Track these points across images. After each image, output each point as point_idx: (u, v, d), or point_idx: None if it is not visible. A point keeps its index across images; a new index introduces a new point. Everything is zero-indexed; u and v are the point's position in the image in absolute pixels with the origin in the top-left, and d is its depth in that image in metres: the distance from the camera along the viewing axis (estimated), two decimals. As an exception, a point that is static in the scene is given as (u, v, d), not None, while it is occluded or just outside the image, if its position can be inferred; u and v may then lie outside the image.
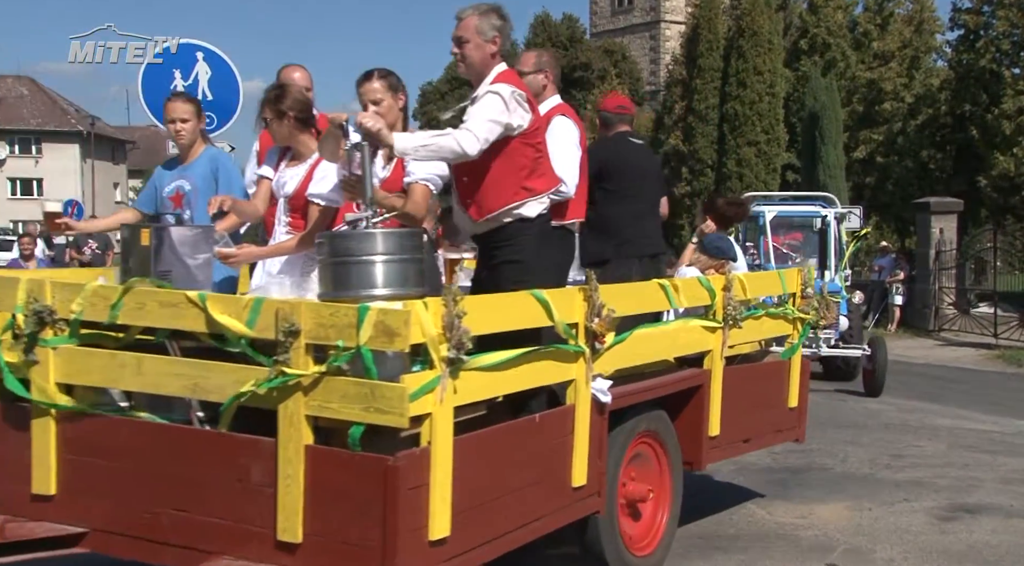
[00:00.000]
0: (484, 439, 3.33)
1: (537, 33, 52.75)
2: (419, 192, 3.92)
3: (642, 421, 4.37)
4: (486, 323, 3.26)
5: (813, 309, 5.45)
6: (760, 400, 5.26)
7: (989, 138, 23.20)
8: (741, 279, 4.89)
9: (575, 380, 3.73)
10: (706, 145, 28.60)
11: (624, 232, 4.97)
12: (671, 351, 4.58)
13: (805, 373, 5.61)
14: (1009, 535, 5.45)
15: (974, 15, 25.15)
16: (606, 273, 4.60)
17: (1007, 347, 15.22)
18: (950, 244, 18.37)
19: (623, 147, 5.19)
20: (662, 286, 4.31)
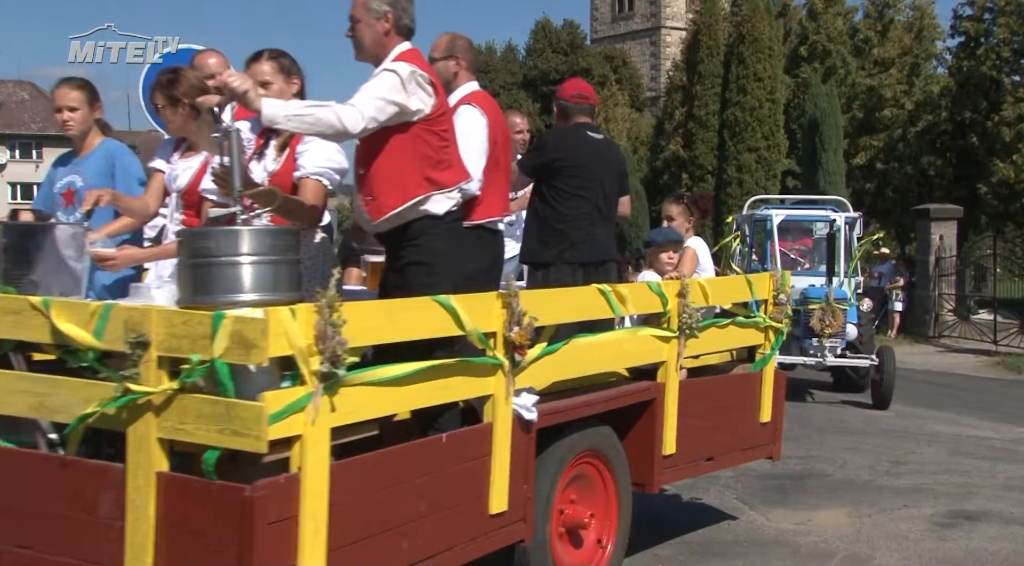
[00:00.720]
0: (372, 463, 2.93)
1: (538, 39, 52.84)
2: (310, 188, 3.52)
3: (582, 439, 3.98)
4: (377, 333, 2.93)
5: (787, 317, 5.04)
6: (726, 415, 4.87)
7: (989, 145, 23.23)
8: (701, 285, 4.54)
9: (493, 395, 3.36)
10: (706, 151, 28.64)
11: (569, 235, 4.54)
12: (617, 362, 4.21)
13: (780, 386, 5.21)
14: (1008, 542, 5.43)
15: (975, 22, 25.19)
16: (544, 278, 4.40)
17: (1007, 354, 15.20)
18: (950, 251, 18.37)
19: (577, 141, 4.71)
20: (602, 292, 3.93)
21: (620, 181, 4.86)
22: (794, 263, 12.48)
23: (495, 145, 4.02)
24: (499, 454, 3.40)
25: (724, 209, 26.74)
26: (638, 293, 4.20)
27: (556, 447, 3.84)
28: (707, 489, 6.57)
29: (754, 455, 5.26)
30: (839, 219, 11.86)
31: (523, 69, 53.24)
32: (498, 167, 4.05)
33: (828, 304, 10.19)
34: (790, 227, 12.72)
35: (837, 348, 10.51)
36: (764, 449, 5.23)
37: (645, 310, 4.24)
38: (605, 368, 4.15)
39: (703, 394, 4.65)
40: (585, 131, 4.74)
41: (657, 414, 4.29)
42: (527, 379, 3.52)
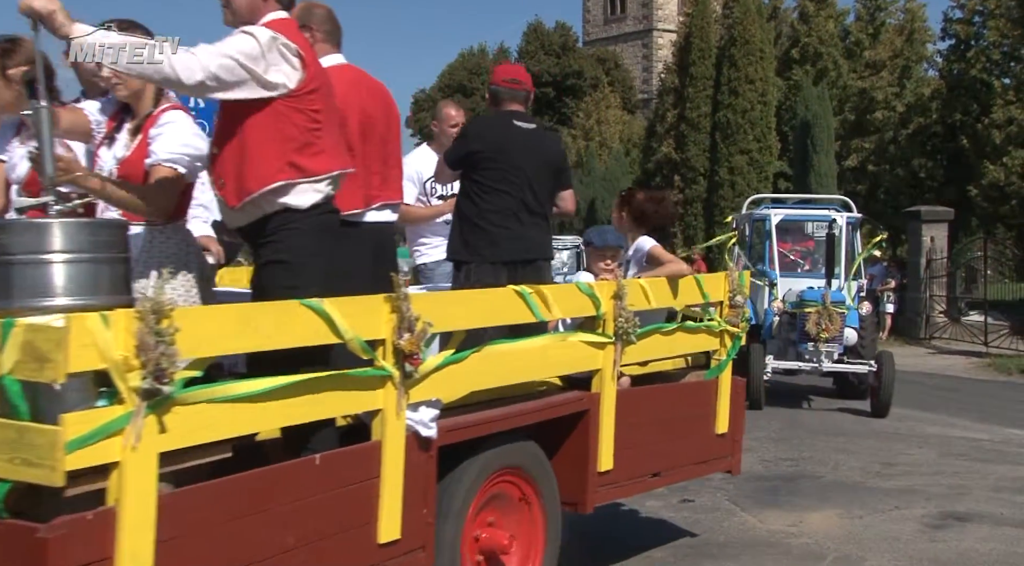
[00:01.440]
0: (218, 491, 2.55)
1: (530, 40, 52.91)
2: (161, 176, 3.13)
3: (501, 456, 3.60)
4: (228, 342, 2.57)
5: (744, 320, 4.70)
6: (675, 426, 4.51)
7: (979, 147, 23.31)
8: (642, 285, 4.20)
9: (382, 410, 3.00)
10: (698, 153, 28.65)
11: (489, 232, 4.18)
12: (542, 371, 3.82)
13: (738, 394, 4.88)
14: (999, 543, 5.45)
15: (965, 25, 25.29)
16: (465, 278, 4.13)
17: (997, 355, 15.26)
18: (941, 253, 18.43)
19: (503, 130, 4.30)
20: (520, 293, 3.56)
21: (556, 174, 4.44)
22: (794, 265, 12.12)
23: (343, 128, 3.51)
24: (389, 475, 3.02)
25: (716, 211, 26.78)
26: (566, 295, 3.83)
27: (467, 465, 3.45)
28: (699, 490, 6.58)
29: (709, 469, 4.91)
30: (840, 219, 11.43)
31: (515, 71, 53.24)
32: (351, 153, 3.56)
33: (824, 307, 9.95)
34: (790, 227, 12.31)
35: (834, 353, 10.23)
36: (721, 462, 4.87)
37: (574, 313, 3.94)
38: (527, 377, 3.74)
39: (648, 404, 4.32)
40: (512, 120, 4.34)
41: (590, 427, 3.92)
42: (430, 391, 3.15)
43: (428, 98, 54.72)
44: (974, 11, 24.98)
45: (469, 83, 52.61)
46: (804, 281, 10.90)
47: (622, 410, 4.04)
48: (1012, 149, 22.12)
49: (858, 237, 11.93)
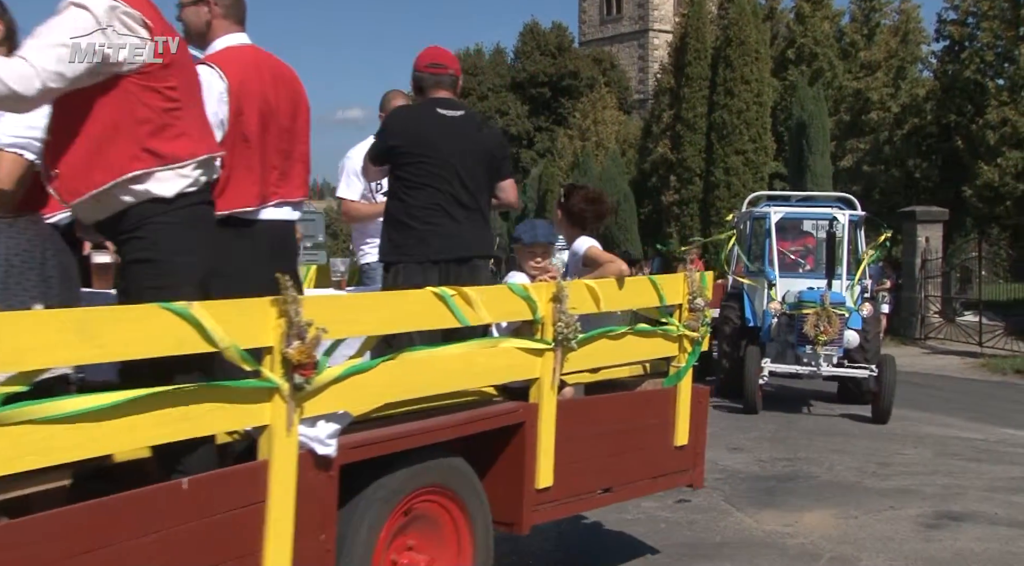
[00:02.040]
0: (48, 524, 2.21)
1: (526, 41, 52.95)
2: (6, 162, 2.85)
3: (420, 474, 3.28)
4: (66, 351, 2.25)
5: (704, 325, 4.40)
6: (628, 439, 4.18)
7: (974, 148, 23.36)
8: (589, 287, 3.91)
9: (269, 426, 2.70)
10: (694, 154, 28.69)
11: (416, 230, 3.90)
12: (467, 380, 3.48)
13: (700, 404, 4.55)
14: (994, 542, 5.47)
15: (959, 26, 25.35)
16: (392, 279, 3.88)
17: (992, 356, 15.30)
18: (936, 253, 18.48)
19: (424, 120, 3.99)
20: (440, 295, 3.25)
21: (491, 163, 4.09)
22: (795, 265, 11.57)
23: (239, 116, 3.21)
24: (278, 498, 2.70)
25: (712, 211, 26.82)
26: (496, 298, 3.50)
27: (379, 485, 3.13)
28: (695, 491, 6.59)
29: (668, 483, 4.58)
30: (843, 217, 10.87)
31: (511, 72, 53.33)
32: (247, 144, 3.24)
33: (823, 308, 9.60)
34: (791, 226, 11.78)
35: (833, 356, 9.87)
36: (681, 476, 4.55)
37: (506, 317, 3.65)
38: (451, 387, 3.42)
39: (595, 415, 4.01)
40: (435, 108, 4.01)
41: (526, 441, 3.59)
42: (331, 403, 2.85)
43: (424, 98, 54.75)
44: (968, 12, 25.03)
45: (465, 84, 52.36)
46: (806, 281, 10.53)
47: (564, 422, 3.73)
48: (1006, 150, 22.17)
49: (862, 235, 11.40)
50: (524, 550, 5.11)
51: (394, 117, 4.14)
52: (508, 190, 4.26)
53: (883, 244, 11.74)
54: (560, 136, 43.60)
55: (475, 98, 52.20)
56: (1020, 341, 15.61)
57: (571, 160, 39.86)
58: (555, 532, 5.50)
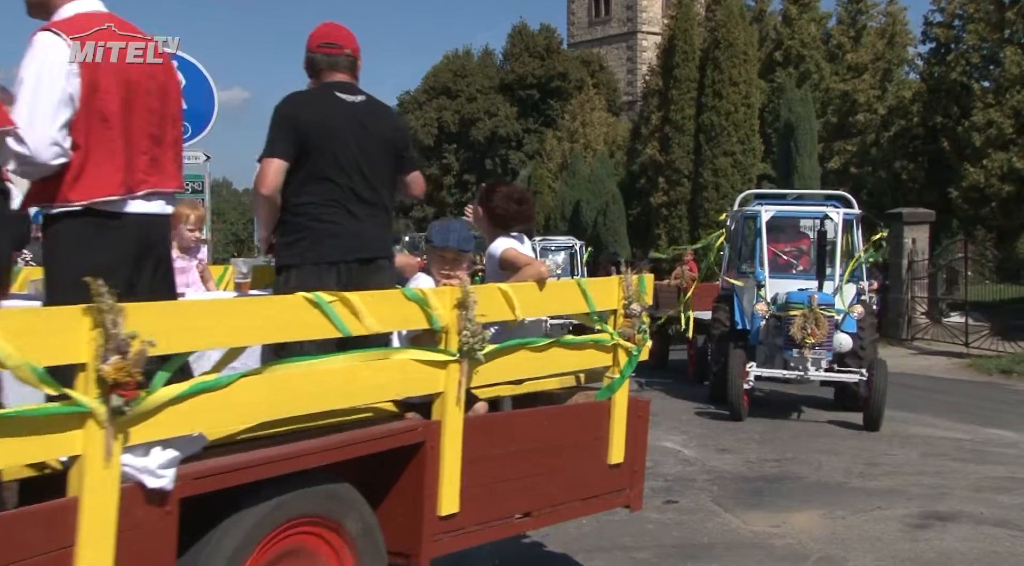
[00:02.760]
0: None
1: (514, 42, 52.97)
2: None
3: (292, 503, 2.89)
4: None
5: (641, 332, 4.03)
6: (552, 458, 3.78)
7: (960, 150, 23.51)
8: (503, 291, 3.52)
9: (80, 457, 2.32)
10: (682, 155, 28.76)
11: (312, 229, 3.52)
12: (353, 396, 3.08)
13: (638, 418, 4.14)
14: (979, 542, 5.50)
15: (945, 29, 25.51)
16: (285, 283, 3.48)
17: (978, 356, 15.38)
18: (922, 254, 18.57)
19: (323, 106, 3.58)
20: (315, 301, 2.85)
21: (396, 154, 3.74)
22: (788, 265, 11.04)
23: (95, 92, 2.84)
24: (91, 541, 2.30)
25: (701, 213, 26.88)
26: (387, 303, 3.11)
27: (238, 518, 2.73)
28: (683, 492, 6.61)
29: (601, 505, 4.18)
30: (836, 216, 10.42)
31: (500, 73, 53.35)
32: (107, 125, 2.88)
33: (811, 310, 9.27)
34: (784, 225, 11.25)
35: (822, 360, 9.50)
36: (616, 497, 4.14)
37: (398, 325, 3.29)
38: (332, 404, 3.02)
39: (513, 433, 3.63)
40: (333, 92, 3.61)
41: (427, 462, 3.22)
42: (176, 426, 2.50)
43: (412, 100, 54.70)
44: (954, 15, 25.20)
45: (453, 85, 52.60)
46: (798, 283, 10.05)
47: (474, 441, 3.35)
48: (992, 152, 22.31)
49: (859, 235, 10.85)
50: (504, 552, 5.11)
51: (288, 104, 3.62)
52: (414, 183, 3.92)
53: (879, 243, 11.18)
54: (548, 138, 43.62)
55: (464, 100, 52.18)
56: (1006, 341, 15.69)
57: (560, 162, 39.89)
58: (538, 532, 5.50)
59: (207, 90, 8.45)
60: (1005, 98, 22.39)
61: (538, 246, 19.86)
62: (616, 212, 32.58)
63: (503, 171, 50.31)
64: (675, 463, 7.64)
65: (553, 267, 19.50)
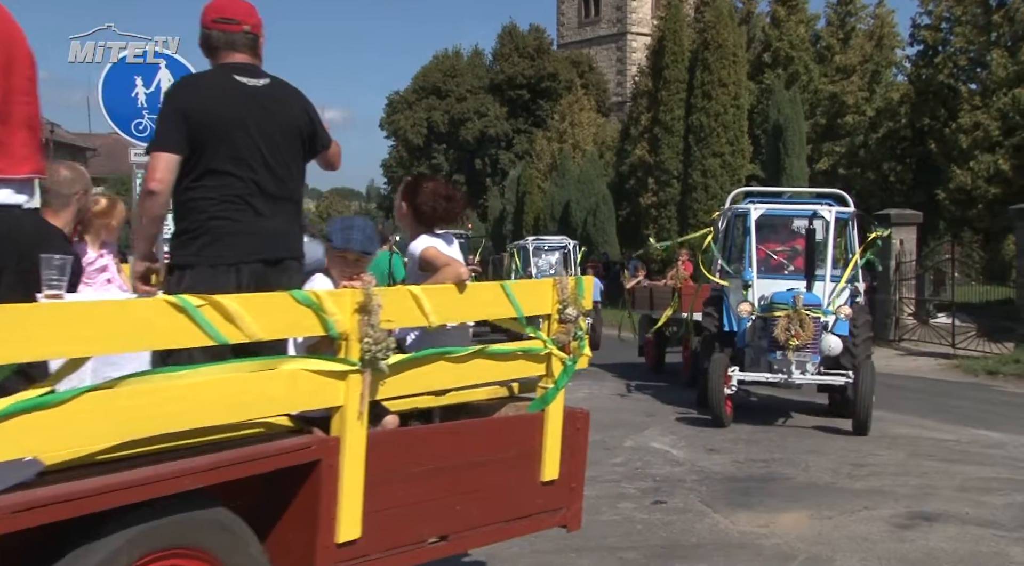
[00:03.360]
0: None
1: (504, 43, 52.99)
2: None
3: (155, 534, 2.53)
4: None
5: (577, 338, 3.71)
6: (473, 476, 3.45)
7: (947, 152, 23.66)
8: (415, 295, 3.18)
9: None
10: (672, 156, 28.85)
11: (213, 227, 3.20)
12: (230, 412, 2.73)
13: (576, 431, 3.81)
14: (965, 542, 5.53)
15: (932, 31, 25.66)
16: (176, 285, 3.16)
17: (965, 357, 15.48)
18: (910, 255, 18.68)
19: (219, 91, 3.25)
20: (180, 306, 2.52)
21: (304, 139, 3.42)
22: (780, 266, 10.59)
23: None
24: None
25: (690, 214, 26.95)
26: (273, 307, 2.78)
27: (81, 554, 2.39)
28: (672, 492, 6.63)
29: (532, 526, 3.80)
30: (829, 214, 9.98)
31: (490, 74, 53.38)
32: None
33: (795, 311, 8.93)
34: (777, 224, 10.78)
35: (807, 363, 9.12)
36: (550, 517, 3.80)
37: (289, 332, 2.95)
38: (201, 421, 2.67)
39: (426, 449, 3.30)
40: (231, 75, 3.28)
41: (322, 483, 2.90)
42: (8, 448, 2.21)
43: (402, 100, 54.65)
44: (941, 17, 25.35)
45: (443, 86, 52.59)
46: (789, 283, 9.65)
47: (380, 458, 3.04)
48: (979, 153, 22.46)
49: (854, 234, 10.39)
50: (490, 550, 5.11)
51: (181, 88, 3.33)
52: (332, 160, 3.61)
53: (875, 243, 10.76)
54: (538, 138, 43.67)
55: (453, 100, 52.16)
56: (992, 342, 15.79)
57: (549, 162, 39.94)
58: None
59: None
60: (992, 100, 22.54)
61: (531, 246, 19.66)
62: (606, 213, 32.65)
63: (492, 171, 50.33)
64: (664, 464, 7.65)
65: (546, 268, 19.29)
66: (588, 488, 6.76)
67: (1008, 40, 23.24)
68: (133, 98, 7.87)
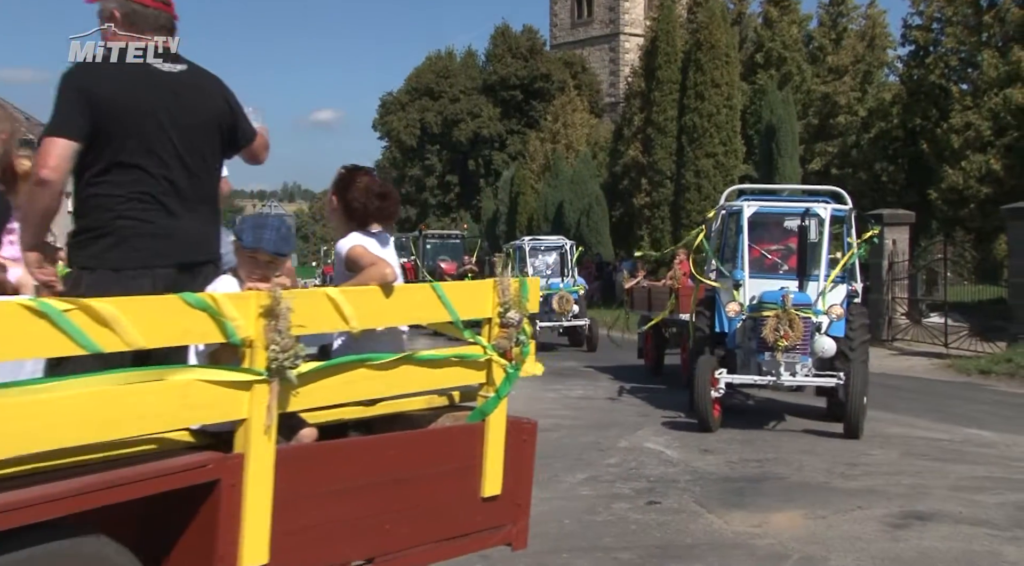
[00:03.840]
0: None
1: (497, 43, 52.99)
2: None
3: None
4: None
5: (519, 344, 3.42)
6: (403, 493, 3.16)
7: (939, 152, 23.75)
8: (332, 298, 2.89)
9: None
10: (665, 157, 28.89)
11: (119, 227, 2.94)
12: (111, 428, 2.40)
13: (522, 443, 3.53)
14: (958, 541, 5.55)
15: (924, 32, 25.77)
16: (72, 289, 2.91)
17: (957, 356, 15.52)
18: (902, 255, 18.73)
19: (131, 73, 2.97)
20: (41, 310, 2.22)
21: (224, 132, 3.16)
22: (774, 266, 10.22)
23: None
24: None
25: (683, 214, 27.00)
26: (161, 312, 2.48)
27: None
28: (666, 492, 6.64)
29: (471, 545, 3.52)
30: (824, 212, 9.65)
31: (483, 74, 53.35)
32: None
33: (784, 311, 8.63)
34: (771, 223, 10.43)
35: (796, 365, 8.80)
36: (493, 535, 3.51)
37: (182, 339, 2.64)
38: (74, 439, 2.32)
39: (346, 465, 3.00)
40: (145, 59, 3.01)
41: (222, 505, 2.62)
42: None
43: (395, 101, 54.60)
44: (932, 18, 25.47)
45: (436, 86, 52.56)
46: (783, 283, 9.34)
47: (291, 476, 2.78)
48: (970, 153, 22.54)
49: (852, 232, 10.01)
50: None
51: (82, 71, 2.95)
52: (259, 152, 3.35)
53: (870, 241, 10.39)
54: (531, 139, 43.69)
55: (447, 101, 52.14)
56: (984, 342, 15.84)
57: (542, 163, 39.96)
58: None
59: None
60: (983, 100, 22.63)
61: (527, 246, 19.53)
62: (599, 213, 32.67)
63: (486, 172, 50.31)
64: (658, 464, 7.66)
65: (543, 268, 19.18)
66: (583, 488, 6.81)
67: (999, 40, 23.34)
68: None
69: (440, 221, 46.19)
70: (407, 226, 45.21)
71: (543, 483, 6.91)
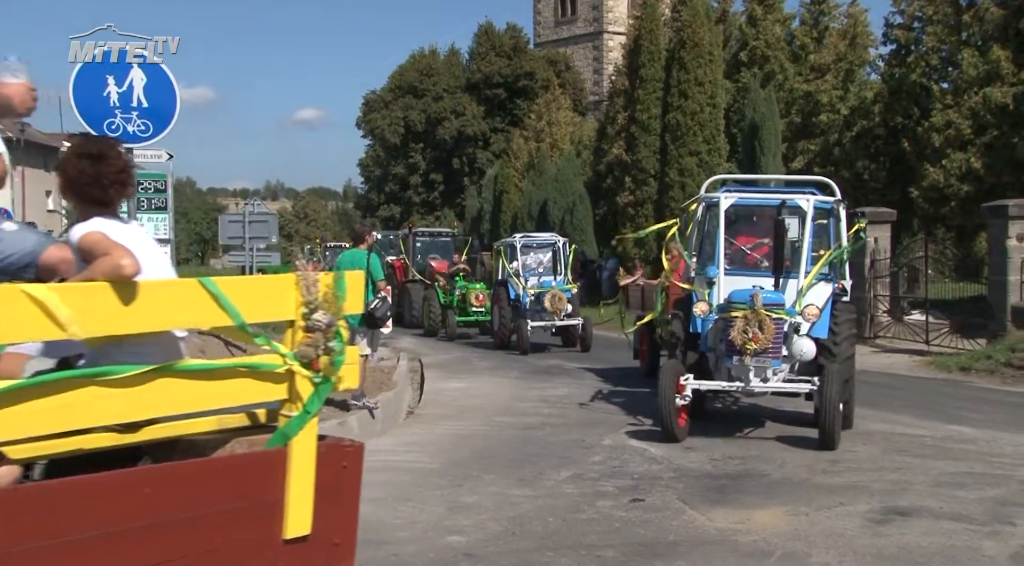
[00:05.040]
0: None
1: (480, 42, 52.94)
2: None
3: None
4: None
5: (329, 353, 2.81)
6: (169, 541, 2.54)
7: (920, 150, 23.90)
8: (33, 296, 2.32)
9: None
10: (648, 155, 28.94)
11: None
12: None
13: (342, 470, 2.92)
14: (938, 537, 5.59)
15: (905, 31, 25.92)
16: None
17: (938, 353, 15.63)
18: (884, 253, 18.84)
19: None
20: None
21: None
22: (756, 262, 9.56)
23: None
24: None
25: (667, 212, 27.05)
26: None
27: None
28: (649, 490, 6.65)
29: None
30: (805, 203, 8.93)
31: (466, 73, 53.30)
32: None
33: (753, 311, 7.95)
34: (753, 215, 9.68)
35: (767, 369, 8.16)
36: None
37: None
38: None
39: (80, 510, 2.37)
40: None
41: None
42: None
43: (379, 99, 54.44)
44: (913, 17, 25.61)
45: (420, 85, 52.43)
46: (764, 281, 8.70)
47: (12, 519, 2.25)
48: (951, 152, 22.70)
49: (841, 225, 9.34)
50: (470, 549, 5.11)
51: None
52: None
53: (858, 235, 9.77)
54: (515, 137, 43.67)
55: (430, 99, 52.04)
56: (965, 339, 15.96)
57: (526, 161, 39.95)
58: (503, 529, 5.49)
59: (170, 88, 8.37)
60: (963, 99, 22.79)
61: (519, 243, 19.14)
62: (583, 211, 32.69)
63: (470, 170, 50.27)
64: (641, 462, 7.68)
65: (535, 265, 18.84)
66: (568, 486, 6.82)
67: (978, 40, 23.51)
68: (105, 98, 7.82)
69: (424, 219, 46.07)
70: (391, 224, 45.14)
71: (528, 481, 6.92)
